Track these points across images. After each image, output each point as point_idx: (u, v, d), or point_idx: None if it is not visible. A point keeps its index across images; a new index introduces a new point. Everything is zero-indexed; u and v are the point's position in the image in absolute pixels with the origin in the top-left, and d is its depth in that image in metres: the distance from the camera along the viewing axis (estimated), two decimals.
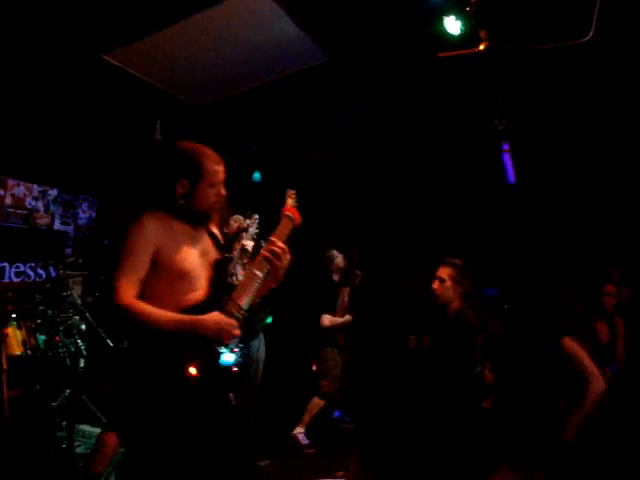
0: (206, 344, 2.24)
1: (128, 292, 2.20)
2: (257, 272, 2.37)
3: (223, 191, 2.42)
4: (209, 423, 2.31)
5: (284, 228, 2.49)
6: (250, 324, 2.42)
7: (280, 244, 2.41)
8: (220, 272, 2.47)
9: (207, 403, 2.28)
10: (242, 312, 2.31)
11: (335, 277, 5.47)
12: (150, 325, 2.18)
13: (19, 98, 5.37)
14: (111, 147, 6.38)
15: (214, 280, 2.42)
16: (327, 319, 5.31)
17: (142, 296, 2.25)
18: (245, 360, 2.39)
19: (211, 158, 2.39)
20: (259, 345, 4.40)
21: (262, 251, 2.41)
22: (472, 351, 3.82)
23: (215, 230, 2.58)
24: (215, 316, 2.25)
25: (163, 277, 2.29)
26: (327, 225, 6.12)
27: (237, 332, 2.28)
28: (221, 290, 2.39)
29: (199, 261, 2.40)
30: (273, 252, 2.39)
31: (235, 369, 2.32)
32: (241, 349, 2.36)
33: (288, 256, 2.45)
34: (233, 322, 2.27)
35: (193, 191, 2.34)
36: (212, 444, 2.32)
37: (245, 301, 2.33)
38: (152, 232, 2.28)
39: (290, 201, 2.56)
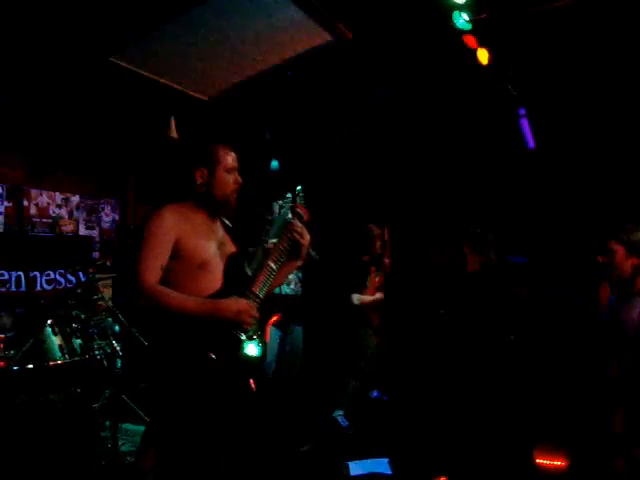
0: (227, 327, 2.33)
1: (151, 277, 2.27)
2: (272, 264, 2.52)
3: (239, 178, 2.56)
4: (231, 409, 2.37)
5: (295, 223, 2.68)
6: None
7: (299, 224, 2.60)
8: (236, 264, 2.56)
9: (228, 388, 2.36)
10: (258, 300, 2.44)
11: (365, 257, 5.45)
12: (173, 308, 2.26)
13: (34, 108, 5.43)
14: (128, 148, 6.44)
15: (230, 271, 2.50)
16: (356, 298, 5.31)
17: (162, 284, 2.31)
18: (263, 348, 2.50)
19: (222, 146, 2.56)
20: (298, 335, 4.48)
21: (277, 246, 2.59)
22: (497, 319, 3.79)
23: (228, 223, 2.70)
24: (235, 299, 2.36)
25: (183, 267, 2.36)
26: (352, 207, 6.11)
27: (256, 314, 2.40)
28: (237, 281, 2.50)
29: (217, 252, 2.49)
30: (295, 231, 2.57)
31: (254, 356, 2.42)
32: (259, 336, 2.47)
33: (307, 236, 2.62)
34: (252, 305, 2.39)
35: (212, 178, 2.49)
36: (236, 430, 2.39)
37: (260, 290, 2.46)
38: (172, 222, 2.37)
39: (298, 199, 2.75)
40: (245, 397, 2.43)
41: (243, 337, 2.37)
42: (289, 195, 4.31)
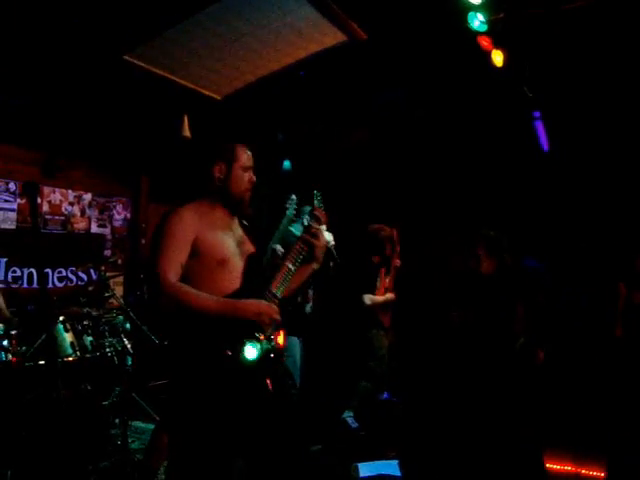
0: (246, 328, 2.31)
1: (172, 275, 2.25)
2: (289, 265, 2.52)
3: (253, 177, 2.57)
4: (248, 407, 2.34)
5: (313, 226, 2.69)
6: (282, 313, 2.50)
7: (316, 226, 2.61)
8: (255, 262, 2.55)
9: (245, 387, 2.33)
10: (276, 301, 2.43)
11: (375, 259, 5.44)
12: (195, 306, 2.24)
13: (49, 108, 5.46)
14: (141, 146, 6.45)
15: (249, 270, 2.49)
16: (368, 298, 5.29)
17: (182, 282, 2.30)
18: (280, 348, 2.55)
19: (241, 145, 2.58)
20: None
21: (294, 247, 2.58)
22: (510, 323, 3.77)
23: (245, 222, 2.69)
24: (256, 300, 2.35)
25: (202, 264, 2.35)
26: (362, 208, 6.09)
27: (277, 316, 2.38)
28: (256, 280, 2.49)
29: (237, 250, 2.48)
30: (312, 234, 2.59)
31: (271, 355, 2.41)
32: (276, 338, 2.46)
33: (323, 240, 2.64)
34: (274, 307, 2.38)
35: (229, 174, 2.50)
36: (254, 429, 2.36)
37: (279, 291, 2.46)
38: (191, 220, 2.37)
39: (316, 201, 2.73)
40: (262, 396, 2.40)
41: (261, 337, 2.35)
42: (293, 197, 4.35)
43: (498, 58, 4.59)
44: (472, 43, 4.55)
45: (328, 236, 3.56)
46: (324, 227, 2.72)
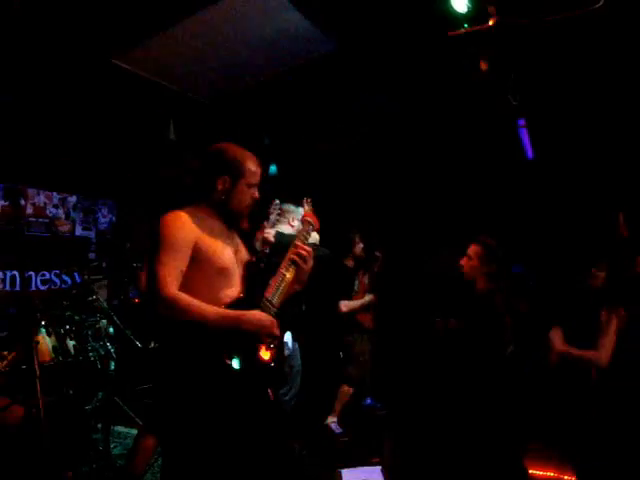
0: (246, 340, 2.27)
1: (172, 284, 2.18)
2: (285, 273, 2.48)
3: (257, 194, 2.50)
4: (248, 418, 2.31)
5: (305, 232, 2.65)
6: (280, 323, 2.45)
7: (307, 247, 2.53)
8: (253, 271, 2.52)
9: (246, 397, 2.30)
10: (275, 310, 2.40)
11: (349, 262, 5.46)
12: (195, 317, 2.17)
13: (34, 108, 5.42)
14: (126, 150, 6.42)
15: (247, 279, 2.46)
16: (343, 304, 5.30)
17: (181, 290, 2.24)
18: (281, 356, 2.47)
19: (252, 160, 2.49)
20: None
21: (289, 254, 2.52)
22: (500, 332, 3.79)
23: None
24: (258, 313, 2.30)
25: (201, 272, 2.29)
26: (346, 212, 6.11)
27: (277, 331, 2.34)
28: (254, 289, 2.45)
29: (234, 259, 2.44)
30: (300, 255, 2.50)
31: (272, 365, 2.37)
32: (277, 346, 2.41)
33: (311, 261, 2.55)
34: (274, 321, 2.34)
35: (232, 188, 2.42)
36: (252, 439, 2.32)
37: (276, 300, 2.42)
38: (191, 226, 2.30)
39: (307, 207, 2.74)
40: (264, 406, 2.38)
41: (261, 347, 2.33)
42: (277, 202, 4.29)
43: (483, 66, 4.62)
44: (457, 52, 4.61)
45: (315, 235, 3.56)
46: (315, 234, 2.70)
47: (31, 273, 5.93)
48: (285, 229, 4.01)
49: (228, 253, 2.40)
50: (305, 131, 6.51)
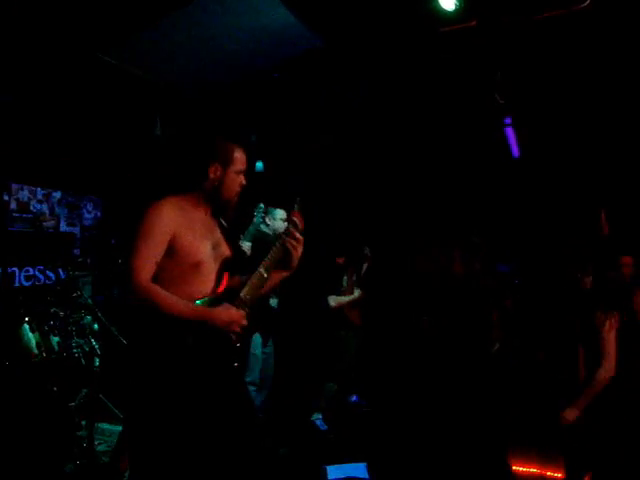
0: (216, 334, 2.31)
1: (145, 273, 2.22)
2: (262, 271, 2.50)
3: (244, 181, 2.55)
4: (217, 395, 2.34)
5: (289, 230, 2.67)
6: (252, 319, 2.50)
7: (298, 235, 2.56)
8: (229, 267, 2.53)
9: (212, 372, 2.34)
10: (246, 307, 2.43)
11: (340, 260, 5.48)
12: (165, 309, 2.21)
13: (18, 101, 5.36)
14: (112, 145, 6.37)
15: (223, 274, 2.48)
16: (332, 299, 5.32)
17: (154, 281, 2.27)
18: (245, 353, 2.51)
19: (238, 147, 2.53)
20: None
21: (282, 240, 2.56)
22: (485, 330, 3.82)
23: (224, 223, 2.65)
24: (227, 308, 2.33)
25: (176, 265, 2.31)
26: (334, 213, 6.11)
27: (245, 323, 2.38)
28: (229, 284, 2.49)
29: (212, 253, 2.44)
30: (293, 240, 2.54)
31: (237, 359, 2.45)
32: (244, 343, 2.48)
33: (301, 247, 2.59)
34: (243, 314, 2.38)
35: (223, 177, 2.46)
36: (221, 419, 2.35)
37: (250, 297, 2.46)
38: (171, 217, 2.32)
39: (296, 206, 2.73)
40: (234, 399, 2.41)
41: (229, 342, 2.37)
42: (262, 205, 4.37)
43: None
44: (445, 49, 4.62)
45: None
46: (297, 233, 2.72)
47: (15, 269, 5.87)
48: (262, 227, 4.31)
49: (206, 248, 2.41)
50: (292, 127, 6.49)
